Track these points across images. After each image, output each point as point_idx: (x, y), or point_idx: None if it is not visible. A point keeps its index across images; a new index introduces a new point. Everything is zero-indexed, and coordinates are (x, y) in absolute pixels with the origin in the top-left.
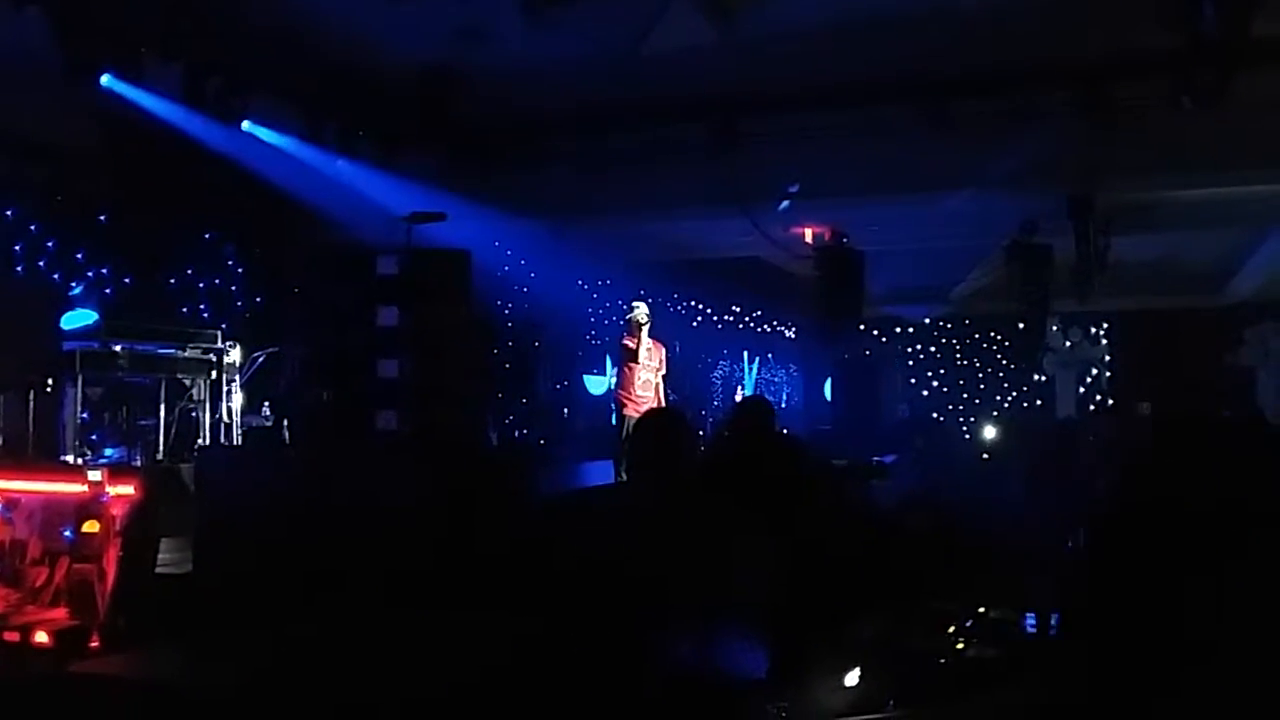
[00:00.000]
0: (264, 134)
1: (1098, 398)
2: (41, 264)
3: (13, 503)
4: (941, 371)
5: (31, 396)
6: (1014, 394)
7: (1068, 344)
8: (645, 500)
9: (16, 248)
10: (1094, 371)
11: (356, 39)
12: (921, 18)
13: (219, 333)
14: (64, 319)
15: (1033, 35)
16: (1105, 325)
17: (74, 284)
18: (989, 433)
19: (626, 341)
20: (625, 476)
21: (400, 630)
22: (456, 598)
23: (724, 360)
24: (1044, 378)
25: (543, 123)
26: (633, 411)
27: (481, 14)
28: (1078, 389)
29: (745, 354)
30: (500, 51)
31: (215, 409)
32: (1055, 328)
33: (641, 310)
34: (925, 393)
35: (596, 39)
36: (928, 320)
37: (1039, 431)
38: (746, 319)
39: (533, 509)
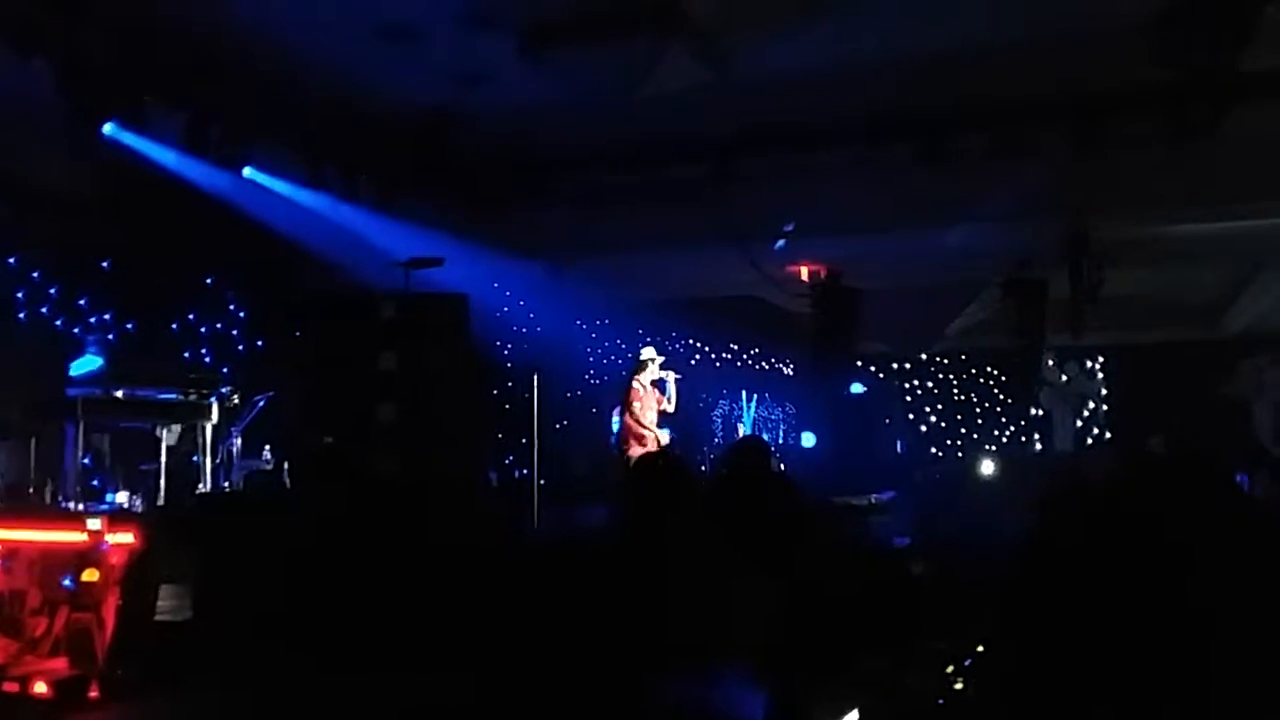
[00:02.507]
0: (265, 180)
1: (1095, 431)
2: (44, 310)
3: (12, 552)
4: (939, 407)
5: (33, 443)
6: (1011, 429)
7: (1064, 378)
8: (643, 541)
9: (19, 294)
10: (1091, 405)
11: (356, 84)
12: (914, 55)
13: (220, 377)
14: (72, 365)
15: (1026, 71)
16: (1101, 359)
17: (78, 330)
18: (987, 468)
19: (634, 383)
20: (624, 517)
21: (392, 681)
22: (452, 646)
23: (723, 399)
24: (1041, 412)
25: (540, 164)
26: (638, 451)
27: (479, 58)
28: (1075, 423)
29: (744, 392)
30: (498, 94)
31: (216, 453)
32: (1051, 362)
33: (649, 353)
34: (923, 428)
35: (593, 82)
36: (924, 356)
37: (1039, 468)
38: (745, 357)
39: (531, 550)
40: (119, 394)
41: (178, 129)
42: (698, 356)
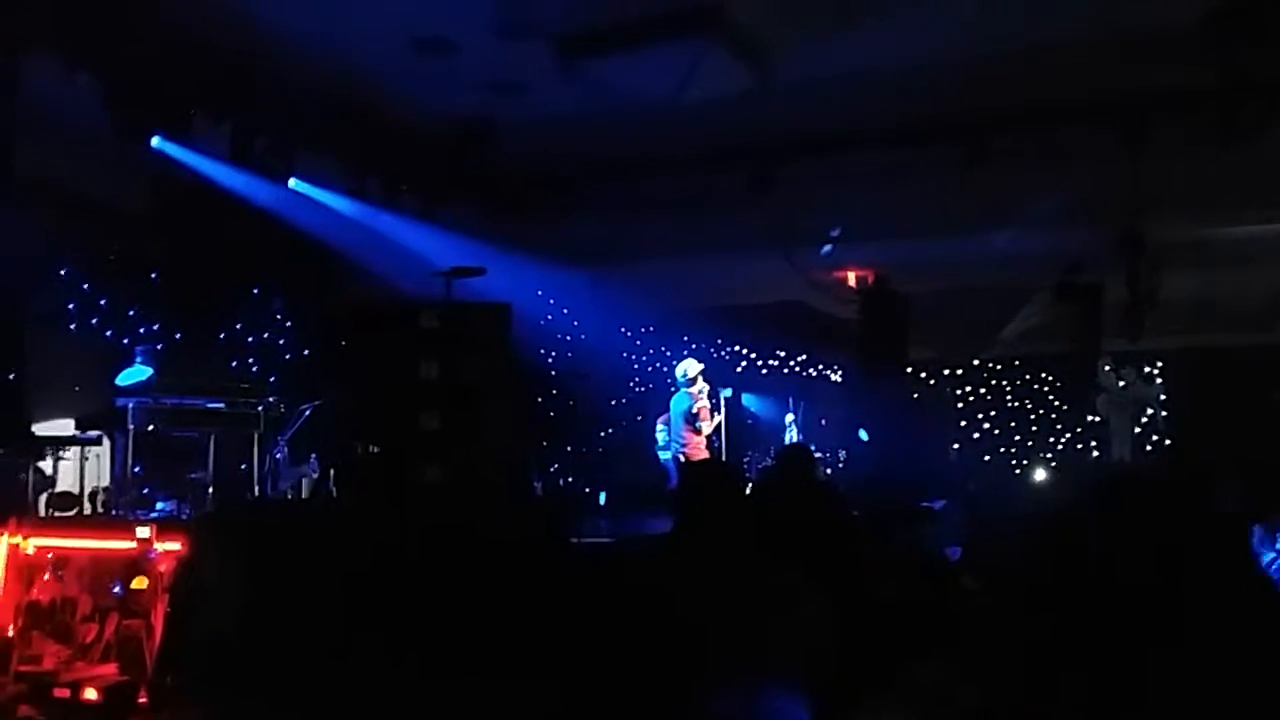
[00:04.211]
0: (310, 190)
1: (1154, 438)
2: (94, 321)
3: (64, 560)
4: (992, 414)
5: (83, 452)
6: (1067, 436)
7: (1121, 384)
8: (688, 550)
9: (70, 306)
10: (1150, 412)
11: (396, 95)
12: (962, 57)
13: (267, 386)
14: (121, 375)
15: (1075, 71)
16: (1160, 364)
17: (127, 340)
18: (1040, 475)
19: (698, 400)
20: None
21: (437, 690)
22: (495, 655)
23: (769, 406)
24: (1098, 419)
25: (581, 171)
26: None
27: (517, 68)
28: (1133, 430)
29: (790, 399)
30: (537, 103)
31: (263, 462)
32: (1108, 368)
33: (697, 367)
34: (975, 435)
35: (633, 89)
36: (976, 362)
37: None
38: (791, 363)
39: (576, 558)
40: (168, 403)
41: (223, 142)
42: (744, 364)
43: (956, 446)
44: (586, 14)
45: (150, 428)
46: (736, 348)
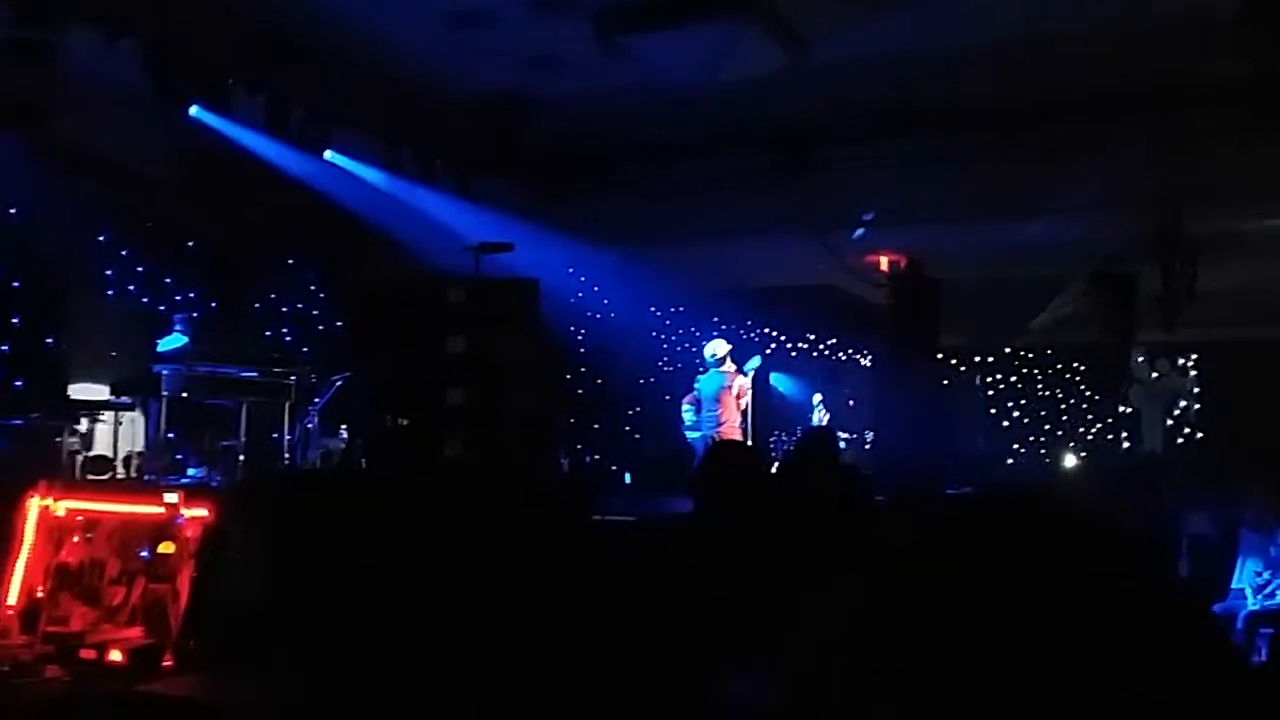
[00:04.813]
0: (345, 163)
1: (1186, 430)
2: (131, 288)
3: (93, 523)
4: (1022, 402)
5: (118, 417)
6: (1098, 426)
7: (1154, 375)
8: (710, 529)
9: (109, 272)
10: (1182, 403)
11: (431, 68)
12: (996, 44)
13: (300, 356)
14: (160, 343)
15: (1109, 60)
16: (1194, 356)
17: (164, 307)
18: (1069, 463)
19: (720, 372)
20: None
21: (454, 661)
22: (516, 629)
23: (797, 386)
24: (1129, 410)
25: (614, 150)
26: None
27: (552, 43)
28: (1165, 421)
29: (819, 382)
30: (571, 79)
31: (294, 431)
32: (1141, 358)
33: (720, 345)
34: (1005, 423)
35: (667, 67)
36: (1008, 350)
37: (1119, 466)
38: (820, 346)
39: (600, 536)
40: (202, 370)
41: (260, 112)
42: (773, 345)
43: (983, 435)
44: None
45: (184, 395)
46: (766, 329)
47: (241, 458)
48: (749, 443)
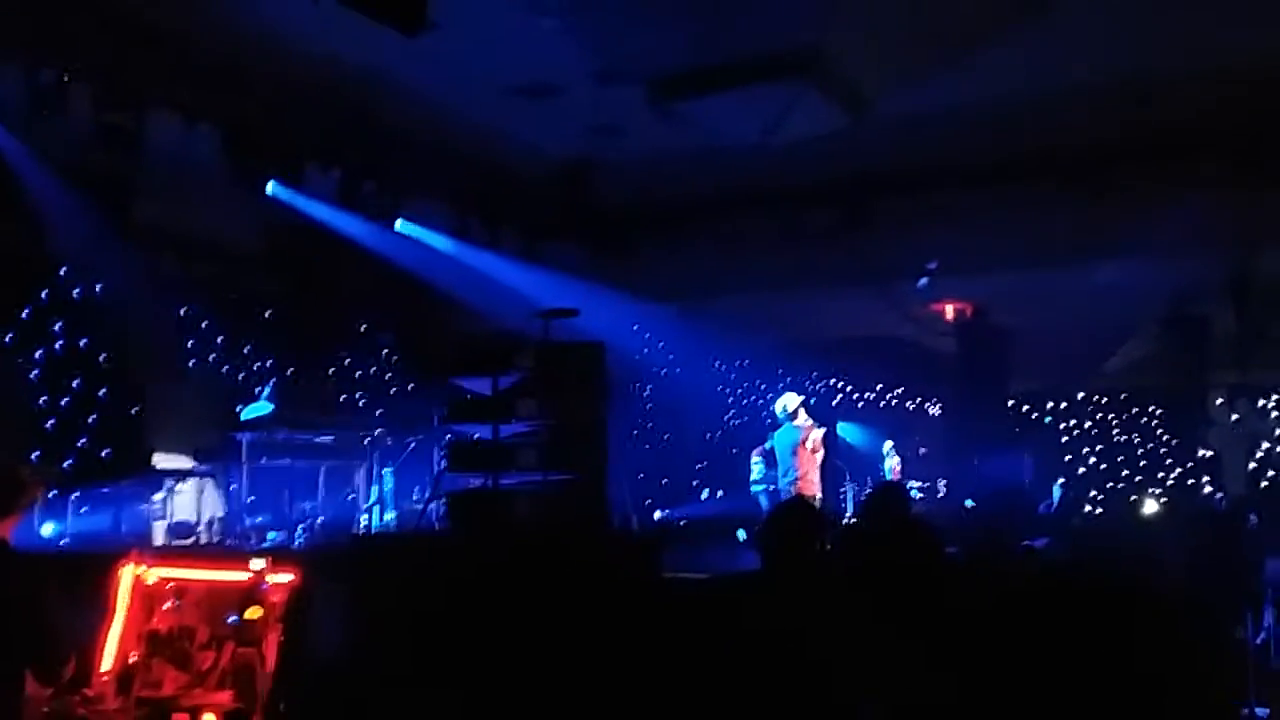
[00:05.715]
0: (415, 231)
1: (1270, 474)
2: (211, 358)
3: (182, 590)
4: (1098, 448)
5: (201, 484)
6: (1178, 470)
7: (1234, 417)
8: (776, 590)
9: (190, 343)
10: (1264, 446)
11: (497, 138)
12: (1062, 91)
13: (374, 419)
14: (245, 410)
15: (1181, 105)
16: (1276, 398)
17: (243, 376)
18: (1149, 509)
19: (794, 426)
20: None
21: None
22: (595, 688)
23: (866, 436)
24: (1209, 453)
25: (676, 209)
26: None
27: (615, 111)
28: (1247, 464)
29: (887, 432)
30: (633, 144)
31: (370, 493)
32: (1220, 401)
33: (791, 398)
34: (1081, 470)
35: (727, 128)
36: (1081, 395)
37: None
38: (889, 396)
39: (667, 595)
40: (280, 436)
41: (333, 186)
42: (840, 397)
43: (1062, 481)
44: (684, 56)
45: (263, 460)
46: (832, 380)
47: (320, 520)
48: (820, 495)
